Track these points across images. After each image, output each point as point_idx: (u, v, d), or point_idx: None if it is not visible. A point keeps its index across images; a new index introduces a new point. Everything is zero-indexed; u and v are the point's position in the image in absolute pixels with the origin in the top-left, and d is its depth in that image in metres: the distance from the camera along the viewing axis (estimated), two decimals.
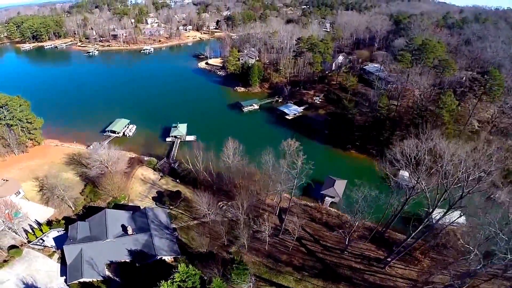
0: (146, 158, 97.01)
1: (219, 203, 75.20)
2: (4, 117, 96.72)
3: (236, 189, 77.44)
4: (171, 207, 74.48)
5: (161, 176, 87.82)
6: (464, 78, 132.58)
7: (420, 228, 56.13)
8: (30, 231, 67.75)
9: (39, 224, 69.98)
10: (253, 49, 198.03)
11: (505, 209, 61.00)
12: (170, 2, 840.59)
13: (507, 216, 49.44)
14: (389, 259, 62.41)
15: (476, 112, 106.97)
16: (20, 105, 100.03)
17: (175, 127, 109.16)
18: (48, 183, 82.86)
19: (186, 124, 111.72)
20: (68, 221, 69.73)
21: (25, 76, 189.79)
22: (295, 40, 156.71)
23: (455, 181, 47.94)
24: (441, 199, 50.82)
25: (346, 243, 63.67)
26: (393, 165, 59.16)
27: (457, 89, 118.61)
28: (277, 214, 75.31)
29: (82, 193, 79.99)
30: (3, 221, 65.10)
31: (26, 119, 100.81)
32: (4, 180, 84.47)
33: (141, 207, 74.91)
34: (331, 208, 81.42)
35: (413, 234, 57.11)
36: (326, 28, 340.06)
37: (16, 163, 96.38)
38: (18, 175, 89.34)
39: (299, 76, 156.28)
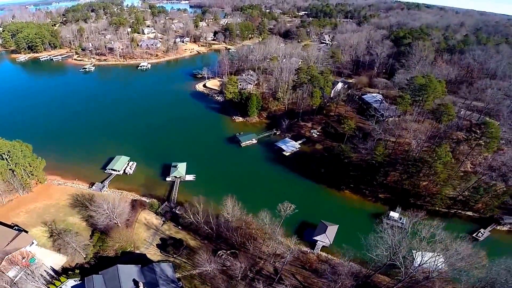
0: (147, 201, 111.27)
1: (219, 252, 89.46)
2: (8, 164, 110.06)
3: (234, 237, 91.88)
4: (174, 256, 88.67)
5: (163, 221, 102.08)
6: (462, 113, 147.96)
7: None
8: (47, 277, 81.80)
9: (55, 271, 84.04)
10: (251, 72, 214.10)
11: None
12: (167, 2, 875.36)
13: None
14: None
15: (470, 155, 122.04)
16: (22, 151, 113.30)
17: (175, 166, 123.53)
18: (57, 229, 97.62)
19: (185, 164, 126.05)
20: (82, 269, 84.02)
21: (22, 96, 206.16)
22: (295, 70, 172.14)
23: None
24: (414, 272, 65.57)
25: None
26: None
27: (453, 132, 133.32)
28: (272, 262, 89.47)
29: (90, 239, 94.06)
30: (22, 269, 79.62)
31: (29, 163, 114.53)
32: (14, 225, 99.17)
33: (147, 255, 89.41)
34: (321, 253, 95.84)
35: None
36: (325, 40, 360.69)
37: (22, 205, 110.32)
38: (27, 219, 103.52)
39: (298, 103, 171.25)
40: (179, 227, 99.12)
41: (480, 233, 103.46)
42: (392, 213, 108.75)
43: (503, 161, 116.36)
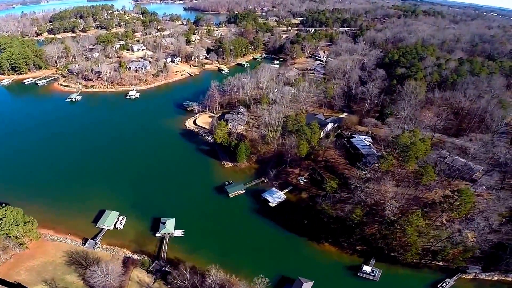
0: (139, 258, 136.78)
1: None
2: (1, 229, 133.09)
3: None
4: None
5: (154, 279, 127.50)
6: (448, 159, 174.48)
7: None
8: None
9: None
10: (242, 109, 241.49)
11: None
12: (160, 3, 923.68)
13: None
14: None
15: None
16: (13, 217, 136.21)
17: (163, 223, 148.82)
18: None
19: (173, 220, 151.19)
20: None
21: (5, 135, 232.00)
22: (284, 117, 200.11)
23: None
24: None
25: None
26: None
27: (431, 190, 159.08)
28: None
29: None
30: None
31: (22, 228, 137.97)
32: (17, 283, 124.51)
33: None
34: None
35: None
36: (320, 57, 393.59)
37: (21, 263, 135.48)
38: (28, 277, 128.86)
39: (286, 148, 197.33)
40: (169, 286, 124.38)
41: (444, 283, 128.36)
42: (365, 267, 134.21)
43: (473, 224, 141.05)
